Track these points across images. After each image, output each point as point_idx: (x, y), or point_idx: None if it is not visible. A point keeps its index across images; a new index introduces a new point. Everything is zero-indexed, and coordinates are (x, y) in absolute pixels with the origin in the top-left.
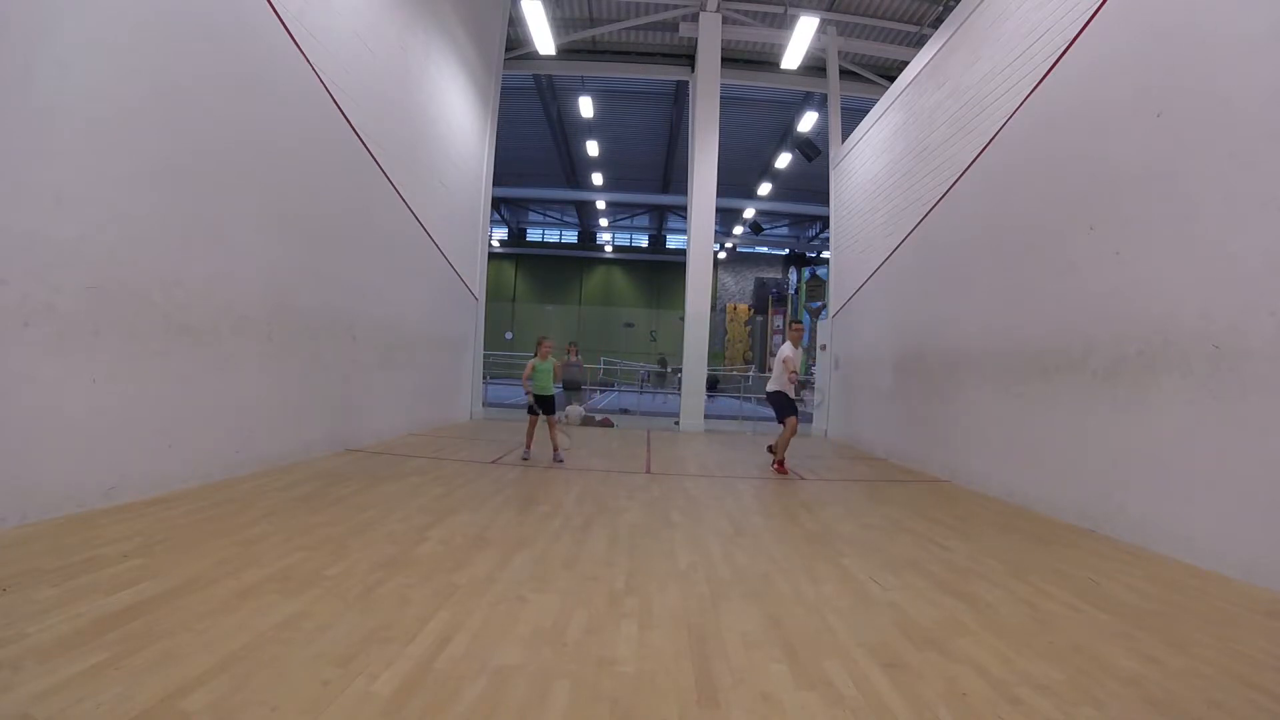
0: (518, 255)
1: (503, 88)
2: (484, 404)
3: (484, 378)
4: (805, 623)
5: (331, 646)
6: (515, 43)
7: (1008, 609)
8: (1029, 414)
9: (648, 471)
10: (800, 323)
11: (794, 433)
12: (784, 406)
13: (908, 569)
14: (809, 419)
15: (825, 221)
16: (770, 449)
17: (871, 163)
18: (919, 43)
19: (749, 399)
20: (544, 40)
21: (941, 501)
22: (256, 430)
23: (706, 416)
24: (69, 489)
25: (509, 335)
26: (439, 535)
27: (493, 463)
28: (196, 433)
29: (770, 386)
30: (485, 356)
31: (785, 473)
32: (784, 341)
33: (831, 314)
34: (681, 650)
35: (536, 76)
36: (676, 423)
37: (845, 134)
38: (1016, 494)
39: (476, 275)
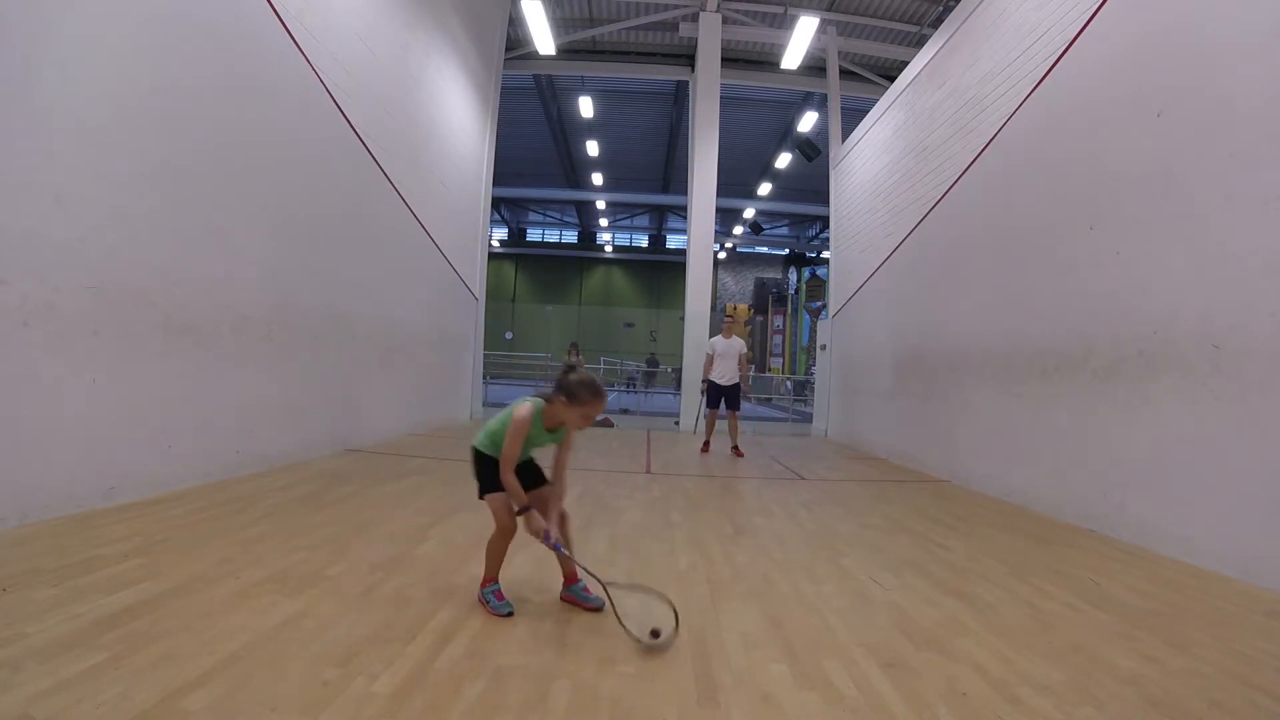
0: (518, 255)
1: (503, 87)
2: (484, 404)
3: (484, 378)
4: (805, 623)
5: (332, 646)
6: (515, 43)
7: (1008, 609)
8: (1029, 414)
9: (648, 471)
10: (732, 316)
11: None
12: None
13: (908, 569)
14: (808, 418)
15: (825, 221)
16: (735, 448)
17: (871, 163)
18: (919, 43)
19: (748, 399)
20: (544, 40)
21: (941, 501)
22: (257, 430)
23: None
24: (69, 489)
25: (509, 335)
26: (440, 535)
27: None
28: (197, 432)
29: (733, 379)
30: (485, 356)
31: (742, 454)
32: (724, 337)
33: (831, 314)
34: (681, 650)
35: (536, 76)
36: (676, 422)
37: (845, 134)
38: (1016, 494)
39: (476, 275)
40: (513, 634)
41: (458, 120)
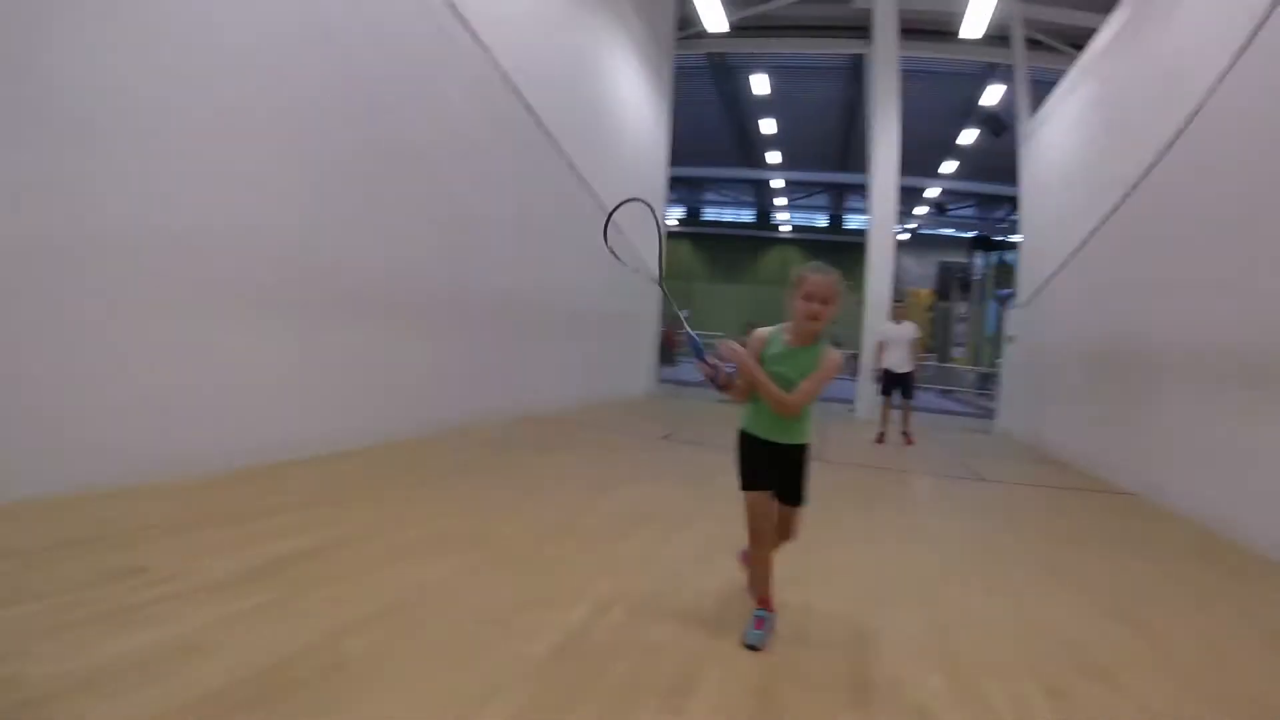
0: (694, 235)
1: (676, 68)
2: (659, 380)
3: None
4: (970, 635)
5: (493, 604)
6: (686, 21)
7: (1185, 645)
8: (1240, 428)
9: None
10: (902, 301)
11: None
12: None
13: (1085, 588)
14: (990, 414)
15: (1014, 202)
16: (905, 434)
17: (1063, 138)
18: (1108, 7)
19: (927, 389)
20: (715, 17)
21: (1130, 517)
22: (440, 396)
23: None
24: (264, 442)
25: (686, 313)
26: (606, 507)
27: (663, 438)
28: (382, 397)
29: (907, 367)
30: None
31: (913, 441)
32: (894, 323)
33: (1020, 303)
34: (837, 649)
35: (709, 55)
36: (851, 409)
37: (1034, 108)
38: (1213, 518)
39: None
40: (669, 611)
41: (632, 99)
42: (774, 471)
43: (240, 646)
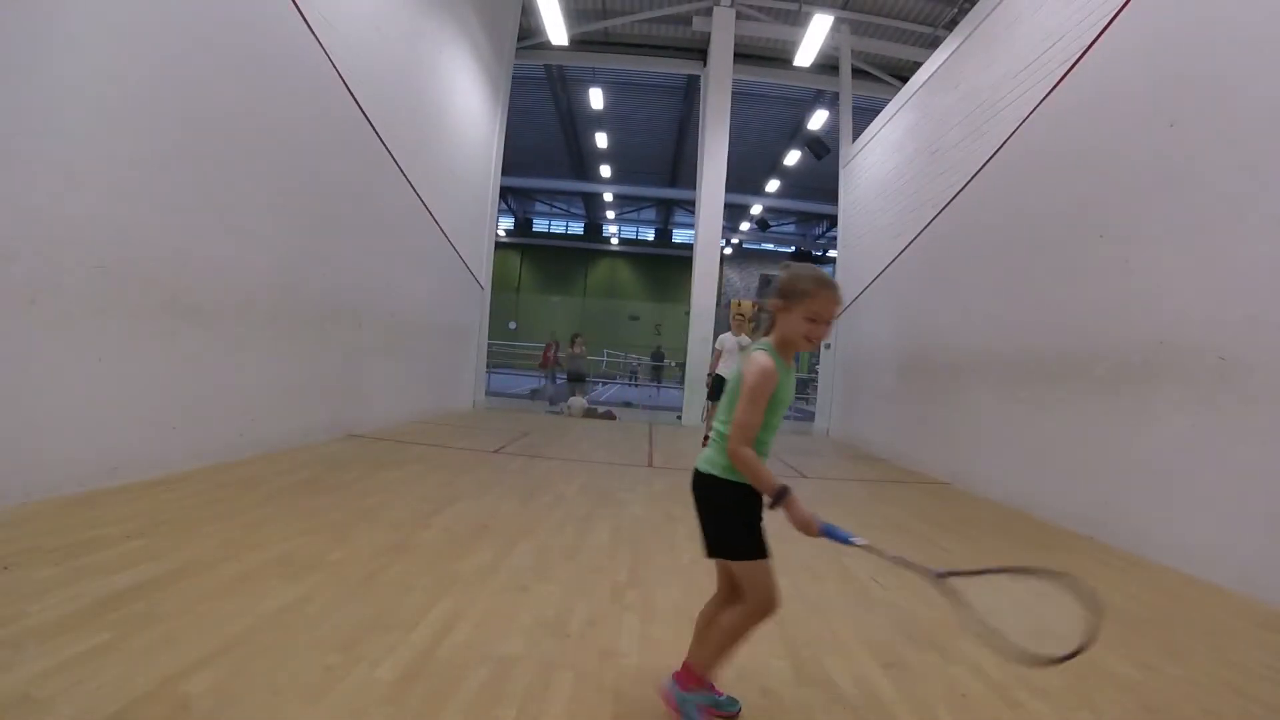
0: (524, 246)
1: (514, 77)
2: (486, 393)
3: (486, 367)
4: (807, 621)
5: (333, 632)
6: (527, 32)
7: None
8: (1032, 418)
9: (650, 465)
10: (744, 315)
11: None
12: None
13: (907, 570)
14: (810, 416)
15: (832, 220)
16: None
17: (882, 163)
18: (933, 44)
19: None
20: (557, 30)
21: (942, 503)
22: (260, 413)
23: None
24: (72, 468)
25: (513, 325)
26: (441, 523)
27: (495, 452)
28: (201, 414)
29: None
30: (489, 346)
31: None
32: (733, 334)
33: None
34: (684, 644)
35: (548, 67)
36: (678, 417)
37: (856, 133)
38: (1017, 498)
39: (483, 264)
40: (515, 623)
41: (468, 108)
42: None
43: (79, 696)
